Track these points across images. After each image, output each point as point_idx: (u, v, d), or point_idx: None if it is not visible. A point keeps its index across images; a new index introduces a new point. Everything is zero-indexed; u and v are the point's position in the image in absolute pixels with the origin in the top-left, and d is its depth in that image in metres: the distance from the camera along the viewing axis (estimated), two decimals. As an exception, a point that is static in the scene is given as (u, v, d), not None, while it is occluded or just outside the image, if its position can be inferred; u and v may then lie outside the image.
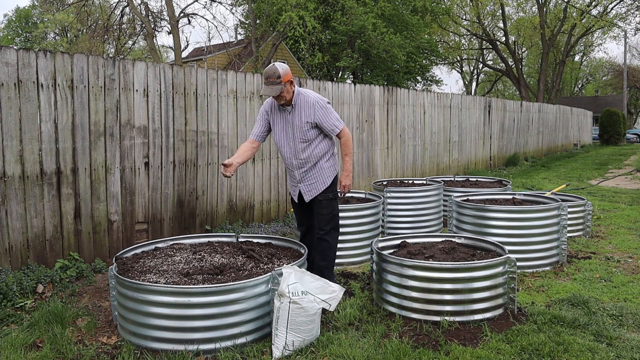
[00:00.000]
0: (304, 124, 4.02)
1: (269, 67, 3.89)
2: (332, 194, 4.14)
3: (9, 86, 4.51)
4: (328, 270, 4.16)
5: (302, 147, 4.07)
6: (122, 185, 5.39)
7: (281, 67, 3.87)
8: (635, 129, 42.69)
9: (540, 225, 5.05)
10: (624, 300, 4.14)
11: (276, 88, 3.85)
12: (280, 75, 3.83)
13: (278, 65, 3.88)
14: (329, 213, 4.13)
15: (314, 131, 4.05)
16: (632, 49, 52.73)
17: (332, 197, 4.14)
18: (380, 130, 9.40)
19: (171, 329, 3.20)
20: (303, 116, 4.02)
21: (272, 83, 3.85)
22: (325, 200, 4.12)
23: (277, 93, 3.86)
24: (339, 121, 4.08)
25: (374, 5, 19.42)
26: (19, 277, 4.30)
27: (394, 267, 3.81)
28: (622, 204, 8.59)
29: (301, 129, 4.03)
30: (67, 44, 35.50)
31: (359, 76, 23.70)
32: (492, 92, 51.37)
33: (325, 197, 4.12)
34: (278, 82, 3.84)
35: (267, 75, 3.86)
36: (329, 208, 4.13)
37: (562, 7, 31.87)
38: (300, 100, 4.03)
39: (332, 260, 4.20)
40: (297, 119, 4.04)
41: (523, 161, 16.30)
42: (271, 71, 3.85)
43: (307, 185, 4.15)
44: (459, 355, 3.15)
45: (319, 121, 4.01)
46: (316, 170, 4.12)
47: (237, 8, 24.95)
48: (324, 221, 4.13)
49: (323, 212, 4.12)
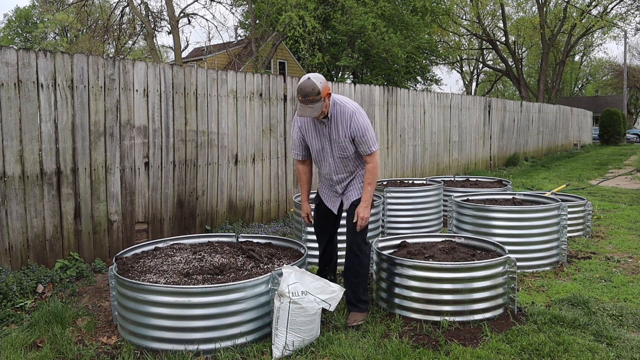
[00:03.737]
0: (342, 139, 3.58)
1: (305, 82, 3.36)
2: None
3: (9, 86, 4.51)
4: (361, 287, 3.71)
5: (343, 163, 3.68)
6: (122, 185, 5.39)
7: (319, 81, 3.37)
8: (635, 129, 42.70)
9: (540, 225, 5.05)
10: (624, 300, 4.14)
11: (317, 106, 3.38)
12: (320, 90, 3.35)
13: (315, 79, 3.37)
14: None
15: (353, 145, 3.63)
16: (632, 49, 52.77)
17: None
18: (380, 130, 9.40)
19: (171, 329, 3.20)
20: (340, 130, 3.56)
21: (311, 102, 3.36)
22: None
23: (318, 113, 3.40)
24: (374, 143, 3.60)
25: (374, 5, 19.42)
26: (19, 277, 4.30)
27: (394, 267, 3.82)
28: (622, 204, 8.59)
29: (340, 144, 3.60)
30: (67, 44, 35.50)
31: (359, 76, 23.71)
32: (492, 92, 51.36)
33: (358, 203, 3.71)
34: (318, 99, 3.36)
35: (305, 93, 3.34)
36: None
37: (562, 7, 31.87)
38: (336, 111, 3.54)
39: (365, 276, 3.73)
40: (334, 133, 3.60)
41: (523, 161, 16.30)
42: (309, 87, 3.33)
43: (350, 193, 3.77)
44: (459, 355, 3.15)
45: (355, 135, 3.54)
46: (358, 179, 3.76)
47: (237, 8, 24.98)
48: (356, 232, 3.65)
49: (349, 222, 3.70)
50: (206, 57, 22.48)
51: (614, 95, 48.35)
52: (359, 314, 3.72)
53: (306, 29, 16.81)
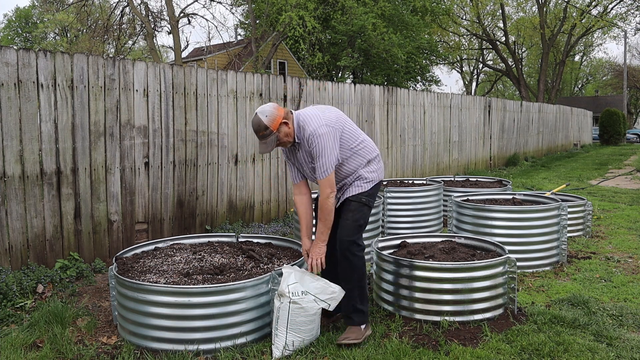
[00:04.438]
0: (310, 162, 3.38)
1: (253, 119, 3.24)
2: (366, 198, 3.39)
3: (9, 86, 4.51)
4: (356, 295, 3.35)
5: None
6: (122, 185, 5.39)
7: (265, 114, 3.19)
8: (635, 129, 42.69)
9: (540, 225, 5.05)
10: (624, 300, 4.14)
11: (270, 141, 3.22)
12: (267, 124, 3.18)
13: (261, 113, 3.21)
14: (354, 220, 3.34)
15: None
16: (632, 49, 52.78)
17: (365, 202, 3.39)
18: (380, 130, 9.40)
19: (171, 329, 3.20)
20: (306, 153, 3.36)
21: (263, 137, 3.22)
22: (355, 202, 3.38)
23: (273, 146, 3.24)
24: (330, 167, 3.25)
25: (374, 5, 19.42)
26: (19, 277, 4.30)
27: (393, 267, 3.81)
28: (622, 204, 8.59)
29: (313, 165, 3.37)
30: (67, 44, 35.50)
31: (359, 76, 23.72)
32: (492, 92, 51.36)
33: (357, 199, 3.39)
34: (268, 133, 3.20)
35: (254, 130, 3.23)
36: (355, 213, 3.36)
37: (562, 7, 31.87)
38: (300, 134, 3.31)
39: (358, 281, 3.35)
40: (301, 157, 3.41)
41: (523, 161, 16.30)
42: (256, 124, 3.20)
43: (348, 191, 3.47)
44: (459, 355, 3.15)
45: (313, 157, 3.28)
46: (356, 181, 3.45)
47: (237, 8, 24.97)
48: (345, 229, 3.32)
49: (348, 216, 3.35)
50: (206, 57, 22.48)
51: (614, 95, 48.35)
52: (352, 330, 3.34)
53: (306, 29, 16.80)
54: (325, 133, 3.24)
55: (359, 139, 3.45)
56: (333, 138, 3.27)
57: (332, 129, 3.28)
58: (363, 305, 3.37)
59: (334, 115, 3.38)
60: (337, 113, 3.44)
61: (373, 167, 3.47)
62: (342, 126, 3.37)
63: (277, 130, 3.23)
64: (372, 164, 3.48)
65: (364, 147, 3.46)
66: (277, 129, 3.23)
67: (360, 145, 3.45)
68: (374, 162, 3.50)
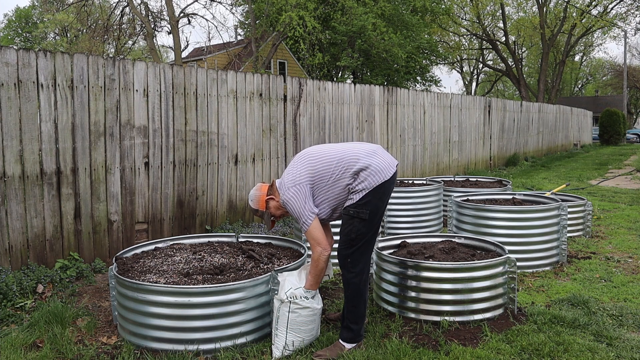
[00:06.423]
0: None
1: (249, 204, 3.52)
2: (353, 210, 3.21)
3: (9, 86, 4.51)
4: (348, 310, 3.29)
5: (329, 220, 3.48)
6: (122, 185, 5.39)
7: (251, 200, 3.45)
8: (635, 129, 42.68)
9: (540, 225, 5.05)
10: (624, 300, 4.14)
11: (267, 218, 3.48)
12: (255, 207, 3.45)
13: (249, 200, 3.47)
14: (345, 234, 3.26)
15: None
16: (632, 49, 52.78)
17: (352, 214, 3.22)
18: (380, 130, 9.40)
19: (171, 329, 3.20)
20: None
21: (260, 216, 3.52)
22: (344, 216, 3.29)
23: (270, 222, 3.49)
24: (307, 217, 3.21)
25: (374, 5, 19.43)
26: (19, 277, 4.30)
27: (393, 267, 3.82)
28: (622, 204, 8.59)
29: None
30: (67, 44, 35.50)
31: (359, 76, 23.72)
32: (492, 92, 51.38)
33: (345, 212, 3.27)
34: (261, 213, 3.48)
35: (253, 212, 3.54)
36: (345, 227, 3.26)
37: (562, 7, 31.88)
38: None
39: (350, 299, 3.28)
40: None
41: (523, 161, 16.30)
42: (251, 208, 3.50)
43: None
44: (459, 355, 3.15)
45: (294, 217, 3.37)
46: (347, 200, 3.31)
47: (237, 8, 24.98)
48: (339, 244, 3.30)
49: (341, 230, 3.32)
50: (206, 57, 22.48)
51: (614, 95, 48.36)
52: (332, 346, 3.24)
53: (306, 29, 16.80)
54: (292, 196, 3.23)
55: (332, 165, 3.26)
56: (303, 195, 3.23)
57: (298, 187, 3.23)
58: (353, 324, 3.27)
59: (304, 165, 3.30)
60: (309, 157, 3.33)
61: (362, 177, 3.21)
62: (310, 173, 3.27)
63: (266, 209, 3.44)
64: (360, 174, 3.22)
65: (342, 167, 3.24)
66: (265, 207, 3.43)
67: (338, 168, 3.25)
68: (363, 171, 3.22)
